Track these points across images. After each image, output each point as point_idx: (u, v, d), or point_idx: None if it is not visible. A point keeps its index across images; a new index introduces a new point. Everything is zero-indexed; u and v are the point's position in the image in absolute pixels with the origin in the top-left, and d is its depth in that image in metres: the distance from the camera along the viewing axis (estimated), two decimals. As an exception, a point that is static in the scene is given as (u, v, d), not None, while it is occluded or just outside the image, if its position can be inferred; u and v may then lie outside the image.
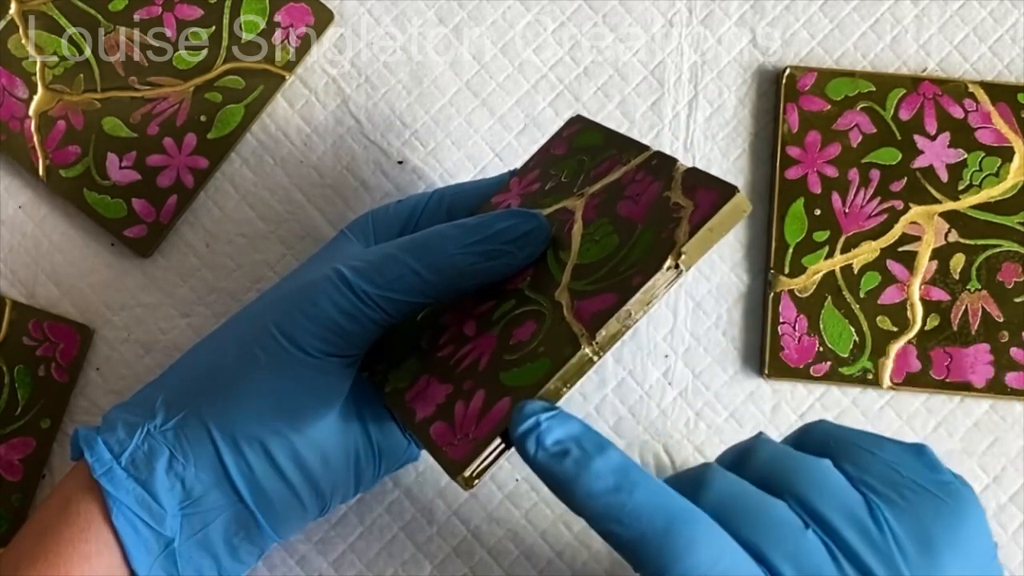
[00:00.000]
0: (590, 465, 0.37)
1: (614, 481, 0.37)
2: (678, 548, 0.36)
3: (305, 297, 0.46)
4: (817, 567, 0.37)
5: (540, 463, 0.38)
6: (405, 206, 0.52)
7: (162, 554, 0.45)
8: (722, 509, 0.39)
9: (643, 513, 0.37)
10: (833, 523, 0.38)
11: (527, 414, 0.39)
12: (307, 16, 0.59)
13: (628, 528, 0.37)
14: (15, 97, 0.58)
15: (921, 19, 0.60)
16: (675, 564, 0.36)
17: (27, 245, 0.58)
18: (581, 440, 0.38)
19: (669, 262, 0.40)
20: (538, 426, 0.38)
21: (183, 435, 0.45)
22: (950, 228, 0.58)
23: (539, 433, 0.38)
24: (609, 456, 0.38)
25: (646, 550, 0.37)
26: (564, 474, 0.38)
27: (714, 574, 0.36)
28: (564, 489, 0.38)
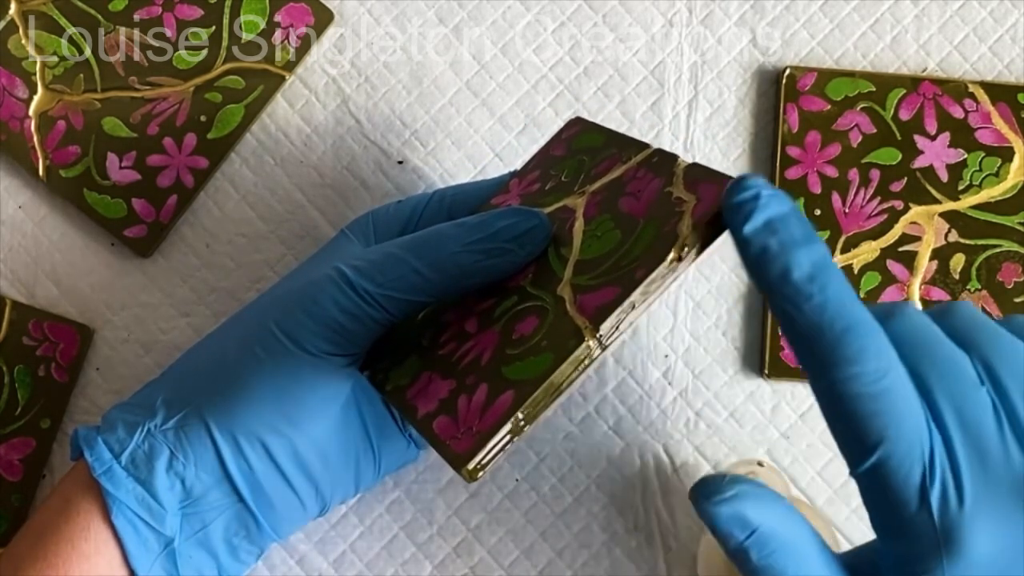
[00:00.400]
0: (795, 250, 0.37)
1: (811, 271, 0.37)
2: (848, 353, 0.36)
3: (306, 296, 0.46)
4: (978, 420, 0.37)
5: (747, 236, 0.38)
6: (406, 206, 0.52)
7: (162, 553, 0.45)
8: (905, 340, 0.38)
9: (829, 309, 0.37)
10: (1009, 390, 0.38)
11: (747, 185, 0.38)
12: (307, 16, 0.59)
13: (807, 318, 0.37)
14: (15, 97, 0.58)
15: (921, 19, 0.60)
16: (839, 366, 0.36)
17: (27, 245, 0.58)
18: (792, 223, 0.38)
19: (672, 255, 0.40)
20: (756, 199, 0.38)
21: (183, 434, 0.45)
22: (950, 228, 0.58)
23: (755, 206, 0.38)
24: (814, 247, 0.37)
25: (818, 344, 0.37)
26: (767, 251, 0.37)
27: (875, 388, 0.36)
28: (762, 266, 0.38)
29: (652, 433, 0.57)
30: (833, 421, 0.38)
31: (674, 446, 0.57)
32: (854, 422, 0.37)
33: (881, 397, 0.36)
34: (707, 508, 0.39)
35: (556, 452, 0.57)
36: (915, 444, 0.37)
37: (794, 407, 0.57)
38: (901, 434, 0.37)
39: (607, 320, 0.40)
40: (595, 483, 0.57)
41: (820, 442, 0.57)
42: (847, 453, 0.38)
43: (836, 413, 0.37)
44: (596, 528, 0.57)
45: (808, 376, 0.38)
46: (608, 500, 0.57)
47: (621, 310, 0.40)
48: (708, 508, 0.39)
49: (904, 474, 0.37)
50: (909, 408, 0.37)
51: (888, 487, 0.37)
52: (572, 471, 0.57)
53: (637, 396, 0.57)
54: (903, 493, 0.37)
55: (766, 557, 0.39)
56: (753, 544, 0.39)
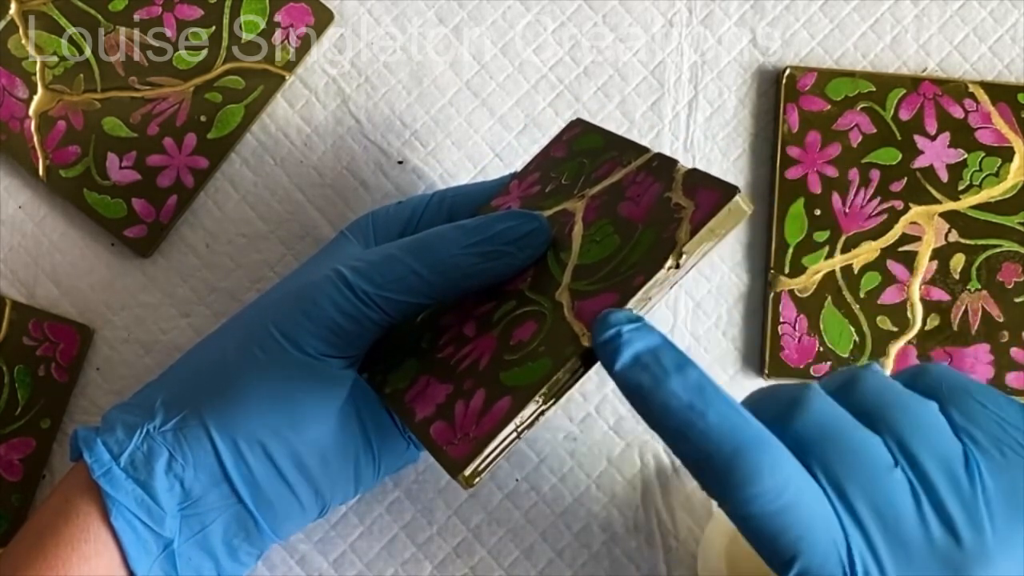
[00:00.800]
0: (667, 381, 0.37)
1: (688, 399, 0.37)
2: (744, 474, 0.36)
3: (305, 297, 0.46)
4: (896, 507, 0.37)
5: (618, 374, 0.38)
6: (406, 207, 0.52)
7: (161, 555, 0.45)
8: (812, 436, 0.38)
9: (713, 435, 0.36)
10: (925, 466, 0.37)
11: (610, 323, 0.38)
12: (307, 16, 0.59)
13: (696, 448, 0.37)
14: (15, 97, 0.58)
15: (921, 19, 0.60)
16: (738, 489, 0.36)
17: (27, 245, 0.58)
18: (660, 355, 0.38)
19: (670, 262, 0.40)
20: (619, 337, 0.38)
21: (182, 436, 0.45)
22: (950, 228, 0.58)
23: (620, 344, 0.38)
24: (687, 374, 0.37)
25: (712, 472, 0.36)
26: (641, 387, 0.37)
27: (776, 504, 0.36)
28: (640, 402, 0.38)
29: (652, 433, 0.57)
30: (751, 541, 0.37)
31: (674, 446, 0.57)
32: (765, 541, 0.36)
33: (785, 512, 0.36)
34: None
35: (556, 452, 0.57)
36: (830, 550, 0.36)
37: (794, 407, 0.57)
38: (814, 544, 0.36)
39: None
40: (595, 483, 0.57)
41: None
42: (774, 568, 0.37)
43: (749, 536, 0.37)
44: (596, 528, 0.57)
45: (715, 501, 0.37)
46: (608, 500, 0.57)
47: None
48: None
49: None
50: (818, 516, 0.36)
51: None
52: (572, 471, 0.57)
53: (637, 396, 0.57)
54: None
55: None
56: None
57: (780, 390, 0.40)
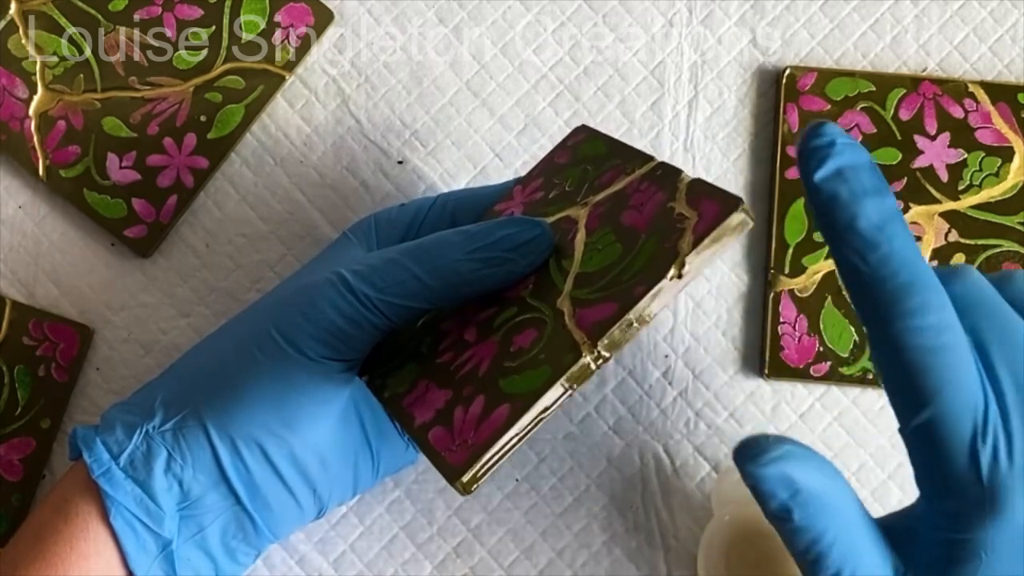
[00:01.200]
0: (865, 200, 0.37)
1: (879, 222, 0.37)
2: (911, 304, 0.37)
3: (305, 299, 0.46)
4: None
5: (817, 183, 0.38)
6: (408, 210, 0.52)
7: (160, 555, 0.45)
8: (966, 301, 0.39)
9: (893, 261, 0.37)
10: None
11: (823, 132, 0.38)
12: (307, 16, 0.59)
13: (872, 268, 0.37)
14: (15, 97, 0.58)
15: (921, 19, 0.60)
16: (901, 318, 0.37)
17: (27, 245, 0.58)
18: (864, 173, 0.38)
19: (672, 272, 0.40)
20: (831, 146, 0.38)
21: (181, 436, 0.45)
22: (950, 228, 0.58)
23: (828, 153, 0.38)
24: (884, 199, 0.38)
25: (881, 294, 0.37)
26: (837, 199, 0.37)
27: (932, 343, 0.37)
28: (829, 213, 0.38)
29: (652, 433, 0.57)
30: (888, 374, 0.38)
31: (674, 446, 0.57)
32: (910, 375, 0.37)
33: (940, 352, 0.37)
34: (752, 469, 0.39)
35: (556, 452, 0.57)
36: (969, 402, 0.37)
37: (794, 407, 0.57)
38: (957, 390, 0.37)
39: (605, 336, 0.40)
40: (595, 483, 0.57)
41: (820, 442, 0.57)
42: (900, 407, 0.38)
43: (893, 365, 0.37)
44: (596, 528, 0.57)
45: (867, 327, 0.38)
46: (608, 500, 0.57)
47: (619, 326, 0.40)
48: (753, 469, 0.39)
49: (956, 430, 0.37)
50: (966, 366, 0.37)
51: (938, 443, 0.37)
52: (572, 471, 0.57)
53: (637, 396, 0.57)
54: (953, 450, 0.37)
55: (808, 517, 0.39)
56: (796, 504, 0.39)
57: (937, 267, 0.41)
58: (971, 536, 0.38)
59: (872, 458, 0.57)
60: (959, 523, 0.38)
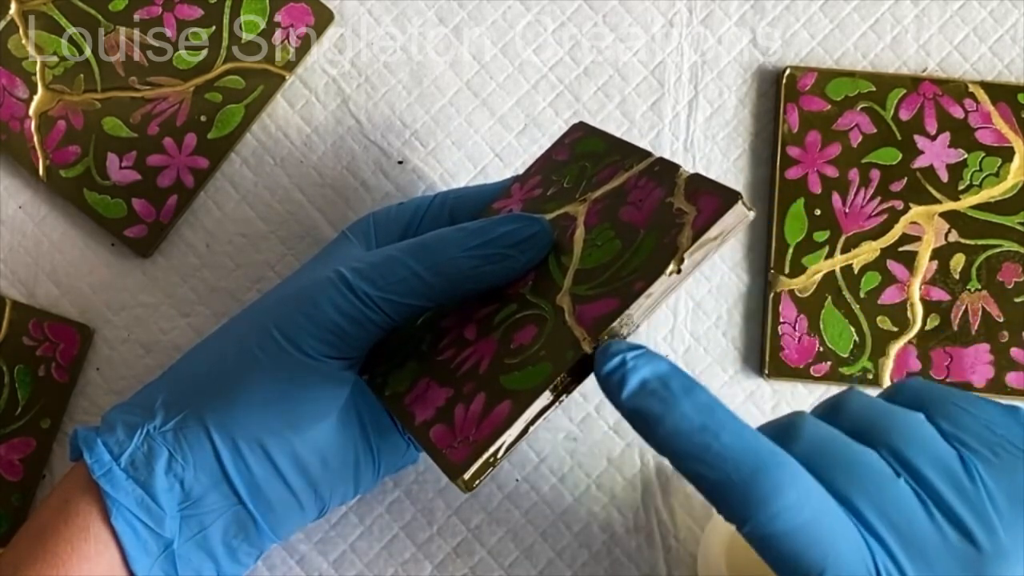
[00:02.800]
0: (677, 405, 0.37)
1: (700, 421, 0.37)
2: (764, 492, 0.36)
3: (306, 298, 0.46)
4: (908, 516, 0.37)
5: (626, 403, 0.38)
6: (407, 209, 0.52)
7: (161, 555, 0.45)
8: (812, 457, 0.38)
9: (729, 455, 0.36)
10: (925, 474, 0.37)
11: (613, 353, 0.38)
12: (307, 16, 0.59)
13: (714, 470, 0.36)
14: (15, 97, 0.58)
15: (921, 19, 0.60)
16: (761, 508, 0.36)
17: (27, 245, 0.58)
18: (668, 379, 0.37)
19: (671, 267, 0.40)
20: (624, 365, 0.38)
21: (182, 436, 0.45)
22: (950, 228, 0.58)
23: (625, 372, 0.38)
24: (696, 396, 0.37)
25: (731, 493, 0.36)
26: (650, 414, 0.37)
27: (800, 519, 0.35)
28: (650, 428, 0.37)
29: (652, 433, 0.57)
30: (774, 565, 0.36)
31: (674, 446, 0.57)
32: (791, 560, 0.36)
33: (810, 527, 0.36)
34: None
35: (556, 452, 0.57)
36: (858, 562, 0.36)
37: (794, 407, 0.57)
38: (840, 557, 0.36)
39: (605, 331, 0.40)
40: (595, 483, 0.57)
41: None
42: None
43: (772, 556, 0.36)
44: (596, 528, 0.57)
45: (736, 527, 0.37)
46: (608, 500, 0.57)
47: (619, 321, 0.40)
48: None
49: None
50: (842, 528, 0.36)
51: None
52: (572, 471, 0.57)
53: (637, 396, 0.57)
54: None
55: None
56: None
57: (769, 424, 0.40)
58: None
59: (872, 458, 0.57)
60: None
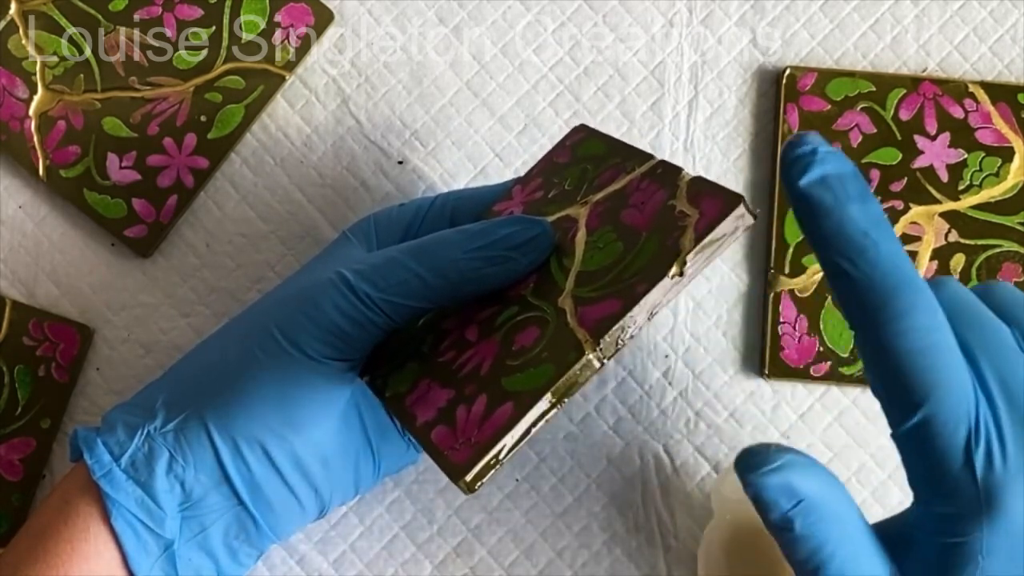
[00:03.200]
0: (849, 204, 0.38)
1: (866, 226, 0.37)
2: (899, 307, 0.37)
3: (307, 299, 0.46)
4: (1022, 387, 0.38)
5: (803, 187, 0.38)
6: (408, 210, 0.52)
7: (161, 556, 0.45)
8: (951, 307, 0.39)
9: (881, 264, 0.37)
10: None
11: (806, 141, 0.39)
12: (307, 16, 0.59)
13: (861, 271, 0.37)
14: (15, 97, 0.58)
15: (921, 19, 0.60)
16: (894, 320, 0.37)
17: (27, 245, 0.58)
18: (848, 180, 0.38)
19: (674, 270, 0.40)
20: (814, 154, 0.38)
21: (183, 437, 0.45)
22: (950, 228, 0.58)
23: (813, 161, 0.38)
24: (870, 205, 0.38)
25: (869, 297, 0.37)
26: (822, 204, 0.38)
27: (925, 344, 0.37)
28: (815, 218, 0.38)
29: (652, 433, 0.57)
30: (879, 376, 0.38)
31: (674, 446, 0.57)
32: (902, 377, 0.37)
33: (930, 353, 0.37)
34: (754, 479, 0.39)
35: (556, 452, 0.57)
36: (961, 403, 0.37)
37: (794, 407, 0.57)
38: (949, 392, 0.37)
39: (607, 333, 0.40)
40: (595, 483, 0.57)
41: (820, 442, 0.57)
42: (892, 411, 0.38)
43: (883, 368, 0.37)
44: (596, 528, 0.57)
45: (855, 331, 0.38)
46: (608, 500, 0.57)
47: (622, 324, 0.40)
48: (755, 479, 0.39)
49: (949, 432, 0.37)
50: (956, 367, 0.37)
51: (932, 445, 0.37)
52: (572, 471, 0.57)
53: (637, 396, 0.57)
54: (947, 452, 0.37)
55: (810, 526, 0.39)
56: (799, 514, 0.39)
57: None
58: (967, 539, 0.38)
59: (872, 458, 0.57)
60: (955, 526, 0.38)
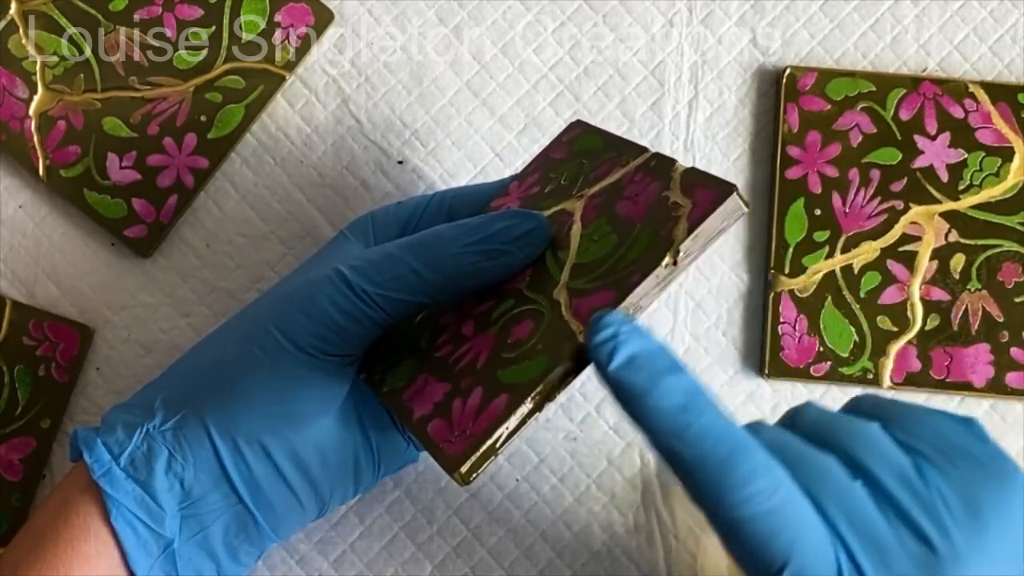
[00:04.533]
0: (661, 382, 0.37)
1: (683, 401, 0.37)
2: (738, 476, 0.36)
3: (305, 296, 0.46)
4: (865, 517, 0.37)
5: (612, 375, 0.38)
6: (405, 208, 0.52)
7: (161, 555, 0.45)
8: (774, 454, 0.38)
9: (708, 436, 0.37)
10: (881, 478, 0.38)
11: (606, 324, 0.38)
12: (307, 16, 0.59)
13: (691, 449, 0.37)
14: (15, 97, 0.58)
15: (921, 19, 0.60)
16: (733, 490, 0.36)
17: (27, 245, 0.58)
18: (656, 356, 0.38)
19: (667, 259, 0.40)
20: (615, 337, 0.38)
21: (182, 435, 0.45)
22: (950, 228, 0.58)
23: (615, 344, 0.38)
24: (681, 377, 0.38)
25: (705, 474, 0.37)
26: (635, 387, 0.37)
27: (770, 505, 0.36)
28: (633, 402, 0.38)
29: (652, 433, 0.57)
30: (738, 551, 0.37)
31: (674, 446, 0.57)
32: (757, 546, 0.36)
33: (779, 512, 0.36)
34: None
35: (556, 452, 0.57)
36: (823, 552, 0.36)
37: (794, 407, 0.57)
38: (807, 547, 0.36)
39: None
40: (595, 483, 0.57)
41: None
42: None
43: (738, 541, 0.37)
44: (596, 528, 0.57)
45: (703, 509, 0.37)
46: (608, 500, 0.57)
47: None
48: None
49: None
50: (807, 518, 0.37)
51: None
52: (572, 471, 0.57)
53: (637, 396, 0.57)
54: None
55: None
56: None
57: None
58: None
59: (872, 458, 0.57)
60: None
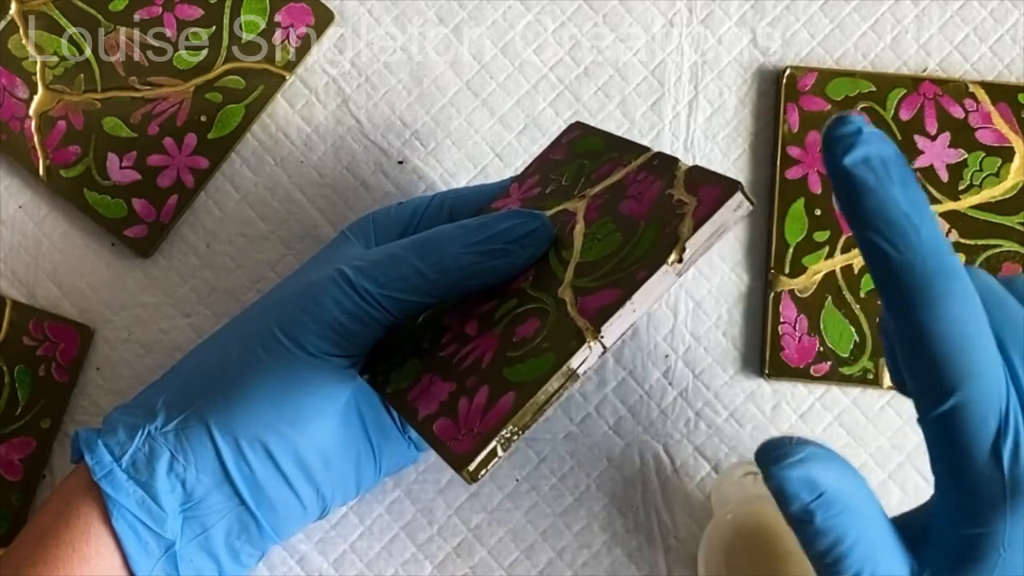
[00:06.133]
0: (891, 187, 0.37)
1: (908, 209, 0.37)
2: (938, 292, 0.36)
3: (307, 296, 0.46)
4: None
5: (846, 165, 0.37)
6: (406, 208, 0.52)
7: (163, 557, 0.45)
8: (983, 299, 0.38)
9: (922, 248, 0.37)
10: None
11: (851, 121, 0.38)
12: (307, 16, 0.59)
13: (901, 254, 0.37)
14: (15, 97, 0.58)
15: (921, 19, 0.60)
16: (930, 305, 0.37)
17: (27, 245, 0.58)
18: (891, 163, 0.37)
19: (673, 256, 0.40)
20: (859, 133, 0.38)
21: (184, 436, 0.45)
22: (950, 228, 0.58)
23: (857, 140, 0.37)
24: (911, 188, 0.37)
25: (908, 281, 0.37)
26: (863, 184, 0.37)
27: (963, 328, 0.36)
28: (856, 197, 0.37)
29: (652, 433, 0.57)
30: (912, 360, 0.38)
31: (674, 446, 0.57)
32: (937, 362, 0.37)
33: (967, 340, 0.37)
34: (776, 471, 0.39)
35: (556, 452, 0.57)
36: (994, 393, 0.37)
37: (794, 407, 0.57)
38: (982, 381, 0.37)
39: (608, 321, 0.40)
40: (595, 483, 0.57)
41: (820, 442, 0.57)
42: (922, 395, 0.38)
43: (919, 352, 0.37)
44: (596, 528, 0.57)
45: (891, 313, 0.38)
46: (608, 500, 0.57)
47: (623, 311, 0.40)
48: (777, 471, 0.39)
49: (979, 421, 0.37)
50: (991, 357, 0.37)
51: (960, 433, 0.37)
52: (572, 471, 0.57)
53: (637, 396, 0.57)
54: (975, 441, 0.37)
55: (830, 519, 0.39)
56: (819, 506, 0.39)
57: None
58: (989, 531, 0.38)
59: (872, 458, 0.57)
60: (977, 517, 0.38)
